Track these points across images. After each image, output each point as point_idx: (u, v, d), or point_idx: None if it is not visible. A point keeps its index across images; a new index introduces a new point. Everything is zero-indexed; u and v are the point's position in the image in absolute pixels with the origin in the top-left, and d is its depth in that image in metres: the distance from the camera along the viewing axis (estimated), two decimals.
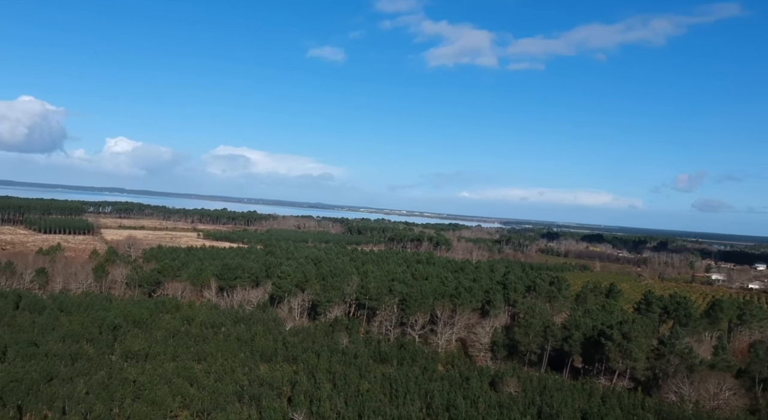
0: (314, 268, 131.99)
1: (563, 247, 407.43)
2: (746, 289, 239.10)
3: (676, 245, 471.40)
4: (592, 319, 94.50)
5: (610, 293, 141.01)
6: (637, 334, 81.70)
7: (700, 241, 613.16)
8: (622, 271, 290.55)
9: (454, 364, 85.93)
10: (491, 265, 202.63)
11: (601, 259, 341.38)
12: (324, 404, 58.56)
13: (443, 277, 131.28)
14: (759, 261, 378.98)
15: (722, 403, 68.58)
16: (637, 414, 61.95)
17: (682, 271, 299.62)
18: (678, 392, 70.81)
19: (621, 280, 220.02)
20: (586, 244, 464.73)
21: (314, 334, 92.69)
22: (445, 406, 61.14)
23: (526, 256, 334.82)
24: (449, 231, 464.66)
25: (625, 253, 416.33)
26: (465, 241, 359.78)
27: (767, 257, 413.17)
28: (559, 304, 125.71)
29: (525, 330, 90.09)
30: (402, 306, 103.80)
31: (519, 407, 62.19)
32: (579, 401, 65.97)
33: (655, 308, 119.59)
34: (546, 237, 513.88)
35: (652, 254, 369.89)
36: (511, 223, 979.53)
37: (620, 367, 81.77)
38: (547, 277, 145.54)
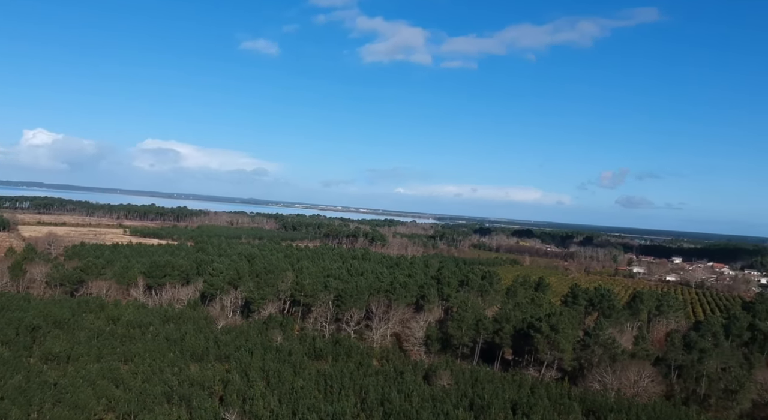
0: (248, 264, 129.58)
1: (495, 242, 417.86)
2: (664, 281, 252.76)
3: (600, 240, 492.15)
4: (522, 312, 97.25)
5: (539, 287, 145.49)
6: (564, 326, 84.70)
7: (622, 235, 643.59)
8: (551, 265, 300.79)
9: (388, 358, 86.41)
10: (426, 260, 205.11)
11: (530, 253, 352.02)
12: (257, 403, 57.60)
13: (379, 273, 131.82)
14: (676, 254, 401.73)
15: (641, 390, 72.18)
16: (564, 403, 64.20)
17: (606, 264, 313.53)
18: (601, 381, 73.95)
19: (549, 274, 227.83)
20: (517, 239, 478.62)
21: (247, 332, 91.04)
22: (380, 400, 61.42)
23: (460, 251, 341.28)
24: (385, 227, 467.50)
25: (553, 247, 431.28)
26: (400, 237, 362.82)
27: (683, 251, 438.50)
28: (490, 298, 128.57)
29: (458, 324, 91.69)
30: (337, 302, 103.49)
31: (452, 400, 63.24)
32: (509, 392, 67.72)
33: (581, 301, 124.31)
34: (479, 232, 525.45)
35: (579, 249, 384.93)
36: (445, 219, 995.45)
37: (548, 358, 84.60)
38: (479, 272, 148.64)
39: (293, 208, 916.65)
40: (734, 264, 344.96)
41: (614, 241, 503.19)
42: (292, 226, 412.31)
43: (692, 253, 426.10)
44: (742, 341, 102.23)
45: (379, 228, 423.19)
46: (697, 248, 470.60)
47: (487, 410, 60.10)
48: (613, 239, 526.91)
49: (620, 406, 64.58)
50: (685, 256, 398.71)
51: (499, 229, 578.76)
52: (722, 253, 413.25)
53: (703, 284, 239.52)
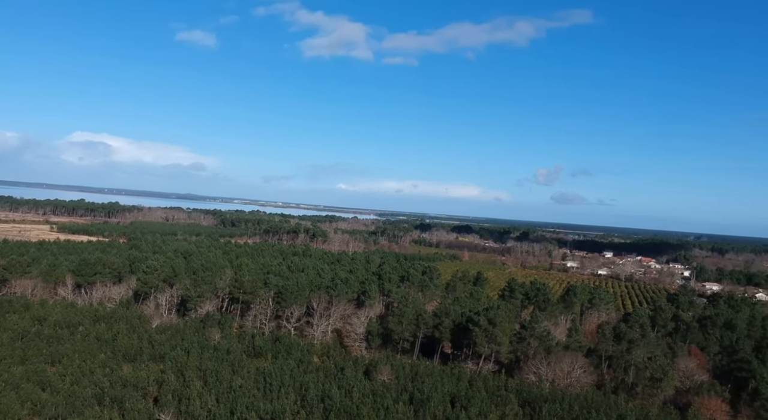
0: (184, 262, 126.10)
1: (435, 238, 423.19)
2: (596, 275, 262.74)
3: (536, 235, 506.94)
4: (461, 307, 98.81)
5: (477, 281, 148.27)
6: (502, 320, 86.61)
7: (557, 231, 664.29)
8: (489, 260, 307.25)
9: (329, 355, 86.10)
10: (367, 256, 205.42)
11: (469, 248, 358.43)
12: (193, 402, 56.23)
13: (320, 269, 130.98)
14: (607, 249, 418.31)
15: (574, 381, 74.77)
16: (501, 395, 65.71)
17: (541, 259, 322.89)
18: (537, 372, 76.11)
19: (487, 269, 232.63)
20: (456, 234, 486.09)
21: (183, 330, 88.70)
22: (320, 397, 61.10)
23: (401, 246, 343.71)
24: (326, 223, 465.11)
25: (491, 242, 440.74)
26: (342, 233, 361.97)
27: (614, 246, 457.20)
28: (430, 293, 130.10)
29: (398, 319, 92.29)
30: (278, 299, 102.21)
31: (392, 394, 63.63)
32: (448, 385, 68.73)
33: (517, 294, 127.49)
34: (419, 228, 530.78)
35: (516, 244, 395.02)
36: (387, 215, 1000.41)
37: (486, 351, 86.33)
38: (419, 267, 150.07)
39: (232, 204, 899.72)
40: (660, 258, 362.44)
41: (549, 236, 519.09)
42: (231, 223, 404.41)
43: (622, 247, 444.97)
44: (667, 331, 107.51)
45: (320, 224, 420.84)
46: (626, 243, 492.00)
47: (426, 404, 60.78)
48: (548, 234, 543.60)
49: (554, 397, 66.66)
50: (616, 250, 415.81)
51: (440, 225, 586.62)
52: (649, 248, 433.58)
53: (632, 277, 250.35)
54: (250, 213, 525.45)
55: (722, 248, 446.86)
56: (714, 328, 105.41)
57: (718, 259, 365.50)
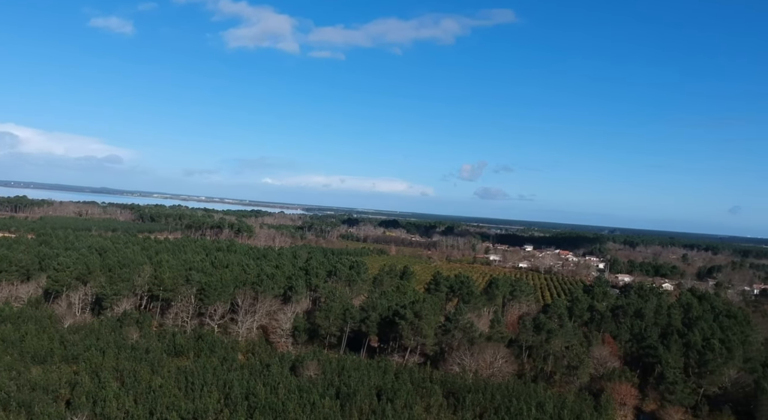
0: (99, 258, 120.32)
1: (362, 233, 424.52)
2: (517, 268, 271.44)
3: (461, 229, 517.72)
4: (388, 300, 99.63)
5: (404, 275, 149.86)
6: (427, 313, 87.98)
7: (480, 225, 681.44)
8: (415, 254, 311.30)
9: (254, 352, 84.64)
10: (294, 251, 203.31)
11: (396, 243, 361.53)
12: (110, 404, 53.77)
13: (245, 265, 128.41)
14: (527, 243, 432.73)
15: (496, 371, 77.03)
16: (426, 386, 66.73)
17: (465, 253, 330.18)
18: (461, 363, 77.83)
19: (414, 263, 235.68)
20: (384, 229, 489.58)
21: (99, 330, 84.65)
22: (245, 394, 59.94)
23: (328, 241, 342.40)
24: (251, 218, 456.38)
25: (417, 237, 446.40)
26: (268, 228, 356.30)
27: (534, 239, 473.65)
28: (358, 287, 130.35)
29: (326, 314, 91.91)
30: (200, 296, 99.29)
31: (318, 389, 63.30)
32: (374, 378, 69.10)
33: (442, 288, 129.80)
34: (347, 223, 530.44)
35: (441, 238, 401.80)
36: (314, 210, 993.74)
37: (412, 343, 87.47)
38: (347, 262, 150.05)
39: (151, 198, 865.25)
40: (577, 251, 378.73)
41: (473, 230, 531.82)
42: (150, 217, 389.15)
43: (542, 241, 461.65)
44: (583, 321, 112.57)
45: (245, 219, 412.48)
46: (546, 237, 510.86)
47: (353, 397, 60.85)
48: (472, 229, 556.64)
49: (477, 387, 68.39)
50: (536, 244, 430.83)
51: (367, 220, 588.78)
52: (567, 241, 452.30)
53: (551, 270, 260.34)
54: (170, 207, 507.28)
55: (633, 241, 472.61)
56: (625, 317, 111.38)
57: (630, 252, 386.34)
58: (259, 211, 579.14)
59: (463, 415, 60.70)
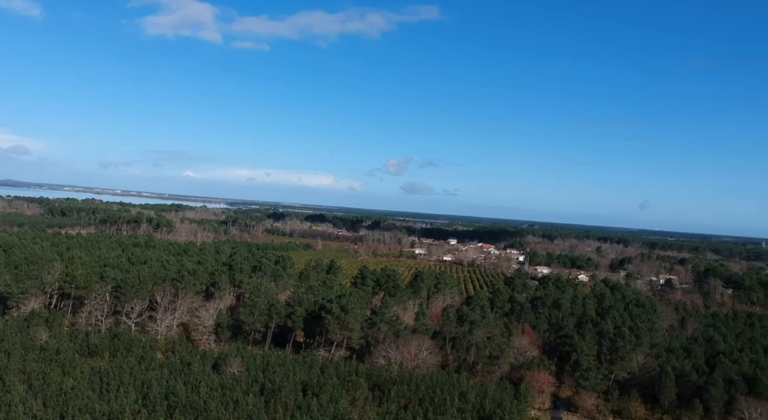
0: (4, 255, 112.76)
1: (288, 227, 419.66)
2: (442, 261, 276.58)
3: (387, 224, 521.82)
4: (314, 295, 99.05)
5: (330, 269, 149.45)
6: (354, 307, 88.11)
7: (406, 219, 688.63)
8: (342, 248, 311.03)
9: (175, 350, 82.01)
10: (217, 246, 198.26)
11: (323, 237, 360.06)
12: (15, 409, 50.54)
13: (164, 261, 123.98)
14: (452, 236, 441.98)
15: (421, 362, 78.21)
16: (352, 380, 66.85)
17: (392, 246, 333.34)
18: (386, 356, 78.47)
19: (340, 257, 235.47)
20: (310, 223, 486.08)
21: (3, 330, 79.29)
22: (164, 394, 57.92)
23: (253, 236, 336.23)
24: (171, 212, 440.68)
25: (344, 231, 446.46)
26: (189, 223, 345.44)
27: (458, 233, 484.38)
28: (283, 282, 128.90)
29: (250, 310, 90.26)
30: (116, 293, 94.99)
31: (242, 386, 62.09)
32: (300, 374, 68.55)
33: (369, 281, 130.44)
34: (272, 217, 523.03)
35: (368, 232, 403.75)
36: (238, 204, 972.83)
37: (338, 337, 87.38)
38: (272, 257, 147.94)
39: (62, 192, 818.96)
40: (499, 244, 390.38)
41: (399, 224, 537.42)
42: (61, 212, 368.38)
43: (465, 235, 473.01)
44: (504, 312, 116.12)
45: (165, 213, 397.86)
46: (469, 230, 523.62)
47: (277, 394, 60.11)
48: (398, 223, 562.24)
49: (402, 379, 69.18)
50: (460, 237, 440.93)
51: (293, 214, 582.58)
52: (490, 235, 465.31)
53: (474, 263, 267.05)
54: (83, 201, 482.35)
55: (551, 235, 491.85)
56: (544, 308, 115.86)
57: (548, 245, 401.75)
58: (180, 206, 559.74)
59: (388, 407, 61.22)
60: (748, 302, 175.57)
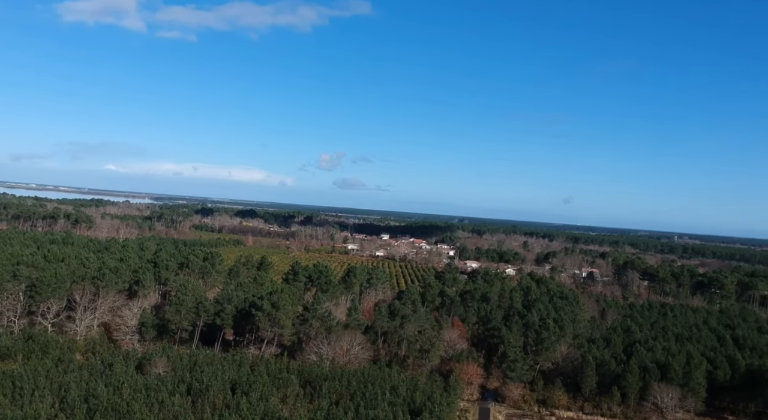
0: None
1: (218, 223, 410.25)
2: (374, 256, 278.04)
3: (319, 219, 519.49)
4: (244, 292, 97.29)
5: (261, 266, 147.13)
6: (285, 303, 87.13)
7: (339, 215, 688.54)
8: (273, 244, 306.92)
9: (95, 351, 78.56)
10: (141, 242, 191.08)
11: (253, 233, 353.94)
12: None
13: (84, 258, 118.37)
14: (384, 232, 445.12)
15: (353, 357, 78.30)
16: (282, 377, 66.07)
17: (324, 242, 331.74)
18: (318, 352, 78.09)
19: (272, 253, 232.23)
20: (240, 219, 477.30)
21: None
22: (84, 397, 55.27)
23: (180, 232, 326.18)
24: (92, 207, 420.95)
25: (275, 227, 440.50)
26: (111, 218, 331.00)
27: (390, 228, 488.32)
28: (212, 279, 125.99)
29: (177, 308, 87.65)
30: (31, 293, 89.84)
31: (168, 387, 60.11)
32: (229, 372, 67.13)
33: (301, 277, 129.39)
34: (200, 213, 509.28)
35: (300, 228, 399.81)
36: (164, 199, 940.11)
37: (269, 335, 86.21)
38: (201, 253, 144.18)
39: None
40: (430, 239, 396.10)
41: (332, 220, 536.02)
42: None
43: (397, 230, 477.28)
44: (435, 306, 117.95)
45: (84, 209, 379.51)
46: (401, 226, 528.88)
47: (205, 393, 58.60)
48: (331, 218, 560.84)
49: (334, 374, 69.02)
50: (392, 233, 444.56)
51: (222, 210, 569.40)
52: (421, 230, 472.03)
53: (406, 258, 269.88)
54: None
55: (480, 230, 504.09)
56: (473, 301, 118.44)
57: (477, 240, 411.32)
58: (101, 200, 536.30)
59: (319, 403, 60.92)
60: (662, 293, 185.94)
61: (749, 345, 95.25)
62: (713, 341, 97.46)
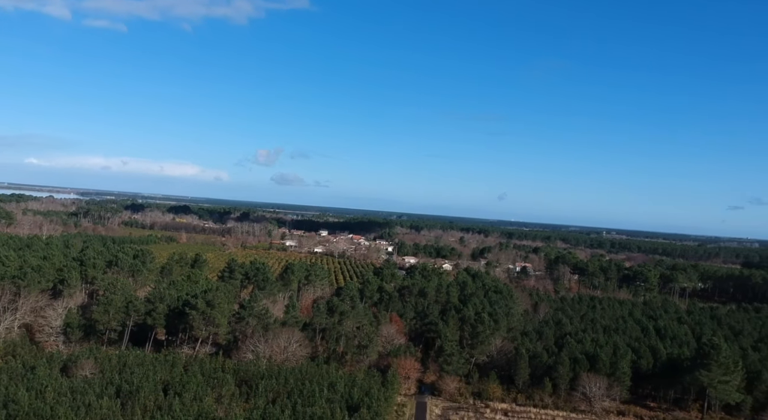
0: None
1: (149, 219, 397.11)
2: (313, 253, 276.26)
3: (257, 215, 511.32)
4: (177, 290, 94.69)
5: (195, 263, 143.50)
6: (221, 301, 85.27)
7: (277, 211, 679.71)
8: (208, 241, 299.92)
9: (16, 354, 74.55)
10: (66, 240, 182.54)
11: (187, 230, 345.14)
12: None
13: (3, 256, 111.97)
14: (323, 228, 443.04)
15: (290, 355, 77.51)
16: (218, 377, 64.70)
17: (261, 239, 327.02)
18: (255, 350, 76.86)
19: (207, 250, 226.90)
20: (173, 215, 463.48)
21: None
22: (3, 402, 52.33)
23: (108, 229, 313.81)
24: (11, 203, 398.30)
25: (211, 223, 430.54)
26: (33, 214, 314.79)
27: (329, 225, 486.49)
28: (143, 278, 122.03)
29: (105, 308, 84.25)
30: None
31: (95, 389, 57.71)
32: (161, 373, 65.15)
33: (237, 275, 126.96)
34: (131, 209, 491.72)
35: (236, 224, 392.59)
36: (91, 194, 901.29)
37: (204, 334, 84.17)
38: (131, 251, 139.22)
39: None
40: (369, 235, 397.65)
41: (269, 216, 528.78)
42: None
43: (336, 226, 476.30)
44: (373, 302, 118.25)
45: (3, 204, 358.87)
46: (340, 222, 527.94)
47: (135, 395, 56.63)
48: (268, 215, 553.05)
49: (271, 372, 68.14)
50: (331, 229, 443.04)
51: (154, 206, 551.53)
52: (360, 226, 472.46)
53: (345, 254, 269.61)
54: None
55: (418, 226, 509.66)
56: (410, 297, 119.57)
57: (415, 236, 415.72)
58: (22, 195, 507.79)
59: (255, 402, 59.97)
60: (591, 286, 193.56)
61: (670, 335, 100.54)
62: (638, 332, 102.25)
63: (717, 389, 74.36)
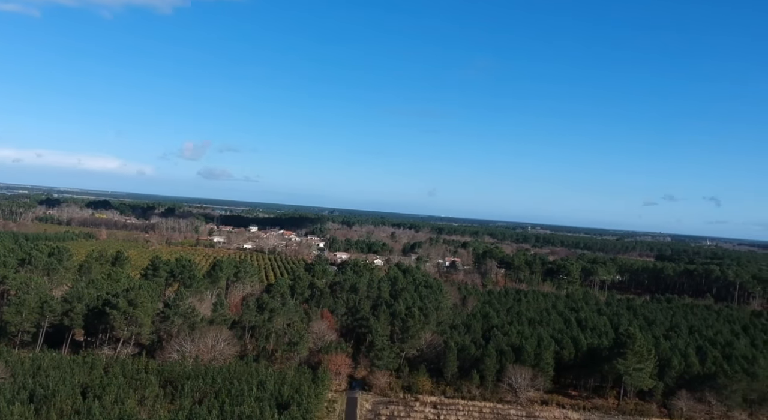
0: None
1: (66, 215, 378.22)
2: (242, 249, 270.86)
3: (183, 211, 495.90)
4: (97, 289, 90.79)
5: (116, 261, 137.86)
6: (144, 300, 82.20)
7: (204, 206, 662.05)
8: (130, 237, 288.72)
9: None
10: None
11: (108, 226, 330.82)
12: None
13: None
14: (253, 224, 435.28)
15: (218, 354, 75.75)
16: (140, 378, 62.33)
17: (188, 235, 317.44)
18: (180, 350, 74.60)
19: (129, 247, 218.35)
20: (93, 210, 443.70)
21: None
22: None
23: (21, 225, 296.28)
24: None
25: (133, 219, 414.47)
26: None
27: (259, 220, 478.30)
28: (59, 277, 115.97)
29: (17, 308, 79.55)
30: None
31: (6, 395, 54.30)
32: (79, 376, 62.09)
33: (162, 273, 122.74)
34: (45, 204, 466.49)
35: (161, 220, 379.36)
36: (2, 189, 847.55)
37: (126, 334, 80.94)
38: (45, 248, 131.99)
39: None
40: (300, 231, 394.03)
41: (196, 211, 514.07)
42: None
43: (267, 222, 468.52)
44: (304, 298, 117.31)
45: None
46: (270, 218, 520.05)
47: (51, 399, 53.69)
48: (195, 210, 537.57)
49: (197, 372, 66.27)
50: (261, 225, 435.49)
51: (71, 200, 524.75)
52: (291, 222, 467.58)
53: (275, 250, 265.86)
54: None
55: (350, 221, 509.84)
56: (342, 292, 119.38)
57: (347, 231, 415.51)
58: None
59: (181, 403, 58.21)
60: (517, 280, 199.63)
61: (590, 326, 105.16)
62: (561, 324, 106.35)
63: (632, 376, 78.39)
